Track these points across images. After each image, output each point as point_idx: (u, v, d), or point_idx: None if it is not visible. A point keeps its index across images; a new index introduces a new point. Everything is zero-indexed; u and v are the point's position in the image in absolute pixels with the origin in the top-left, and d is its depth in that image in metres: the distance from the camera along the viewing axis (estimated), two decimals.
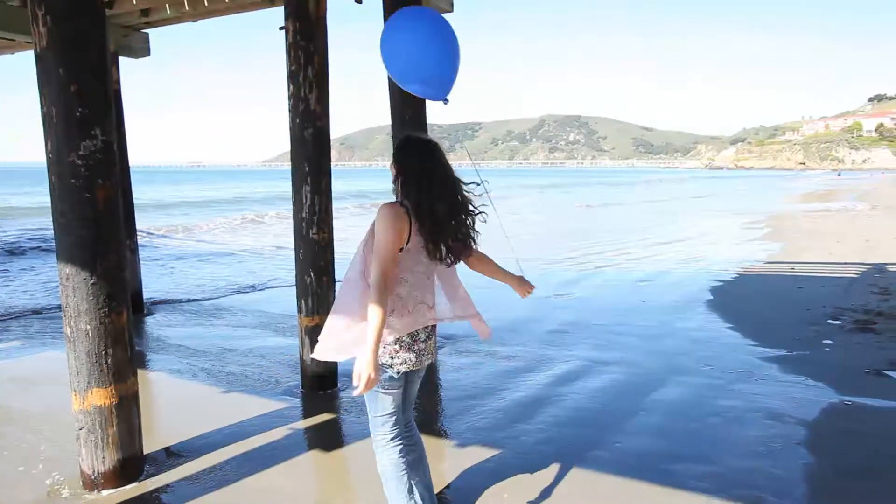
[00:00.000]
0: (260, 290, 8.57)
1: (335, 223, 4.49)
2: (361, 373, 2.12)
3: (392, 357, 2.28)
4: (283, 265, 10.58)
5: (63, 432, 3.65)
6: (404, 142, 2.42)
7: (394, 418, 2.38)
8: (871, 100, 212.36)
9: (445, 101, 2.55)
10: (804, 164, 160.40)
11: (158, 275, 10.03)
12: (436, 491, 2.86)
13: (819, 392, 4.18)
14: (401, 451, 2.41)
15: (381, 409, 2.37)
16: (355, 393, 2.16)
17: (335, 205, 4.50)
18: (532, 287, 2.56)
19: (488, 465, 3.23)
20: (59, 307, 7.21)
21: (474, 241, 2.43)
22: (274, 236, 16.65)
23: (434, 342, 2.44)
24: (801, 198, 30.73)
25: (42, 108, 2.79)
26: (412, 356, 2.31)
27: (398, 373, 2.31)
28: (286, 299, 7.36)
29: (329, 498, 3.09)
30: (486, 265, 2.54)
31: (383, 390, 2.32)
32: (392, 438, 2.39)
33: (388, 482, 2.44)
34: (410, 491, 2.42)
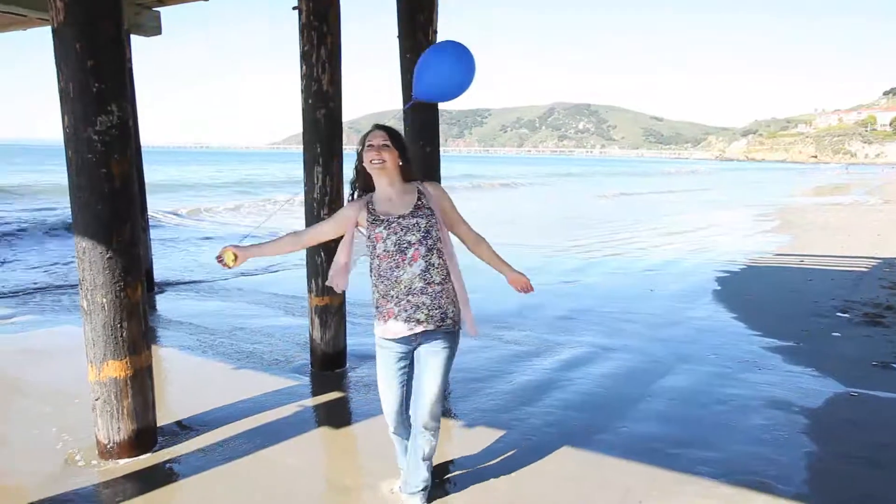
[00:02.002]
0: (270, 271, 8.62)
1: None
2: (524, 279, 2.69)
3: None
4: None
5: (76, 403, 3.73)
6: (395, 130, 2.53)
7: None
8: (886, 93, 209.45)
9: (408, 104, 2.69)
10: (816, 157, 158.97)
11: (168, 255, 10.10)
12: (443, 469, 2.93)
13: (825, 383, 4.19)
14: None
15: None
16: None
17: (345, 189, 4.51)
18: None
19: (496, 446, 3.27)
20: (61, 285, 7.32)
21: None
22: (287, 219, 16.71)
23: None
24: (811, 191, 30.49)
25: (59, 83, 2.81)
26: None
27: None
28: (295, 281, 7.40)
29: (337, 474, 3.14)
30: None
31: None
32: None
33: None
34: None
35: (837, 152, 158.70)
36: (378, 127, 2.46)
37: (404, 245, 2.36)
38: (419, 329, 2.41)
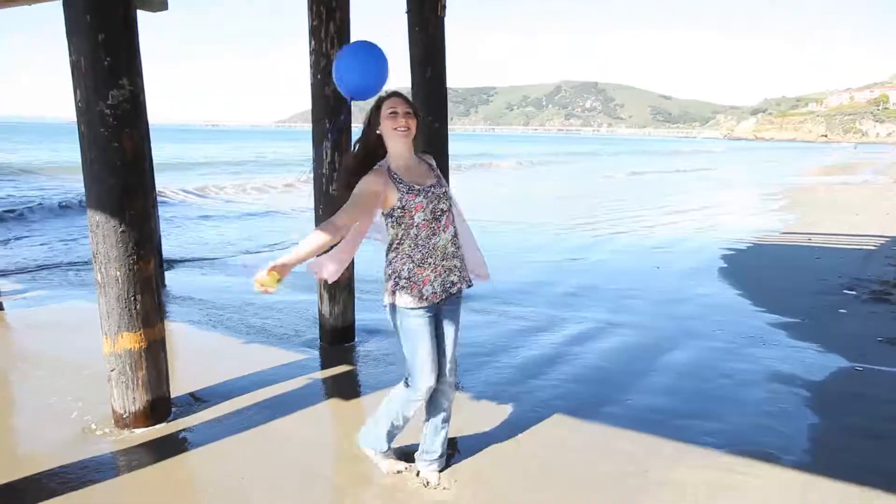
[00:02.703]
0: (278, 248, 8.69)
1: None
2: None
3: None
4: (300, 226, 10.68)
5: (90, 375, 3.80)
6: (410, 99, 2.52)
7: None
8: None
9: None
10: (826, 136, 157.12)
11: (175, 232, 10.16)
12: (451, 439, 2.99)
13: (830, 358, 4.22)
14: None
15: None
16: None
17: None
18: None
19: (503, 417, 3.32)
20: (61, 262, 7.39)
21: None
22: (293, 197, 16.76)
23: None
24: (820, 171, 30.22)
25: (70, 56, 2.82)
26: None
27: None
28: None
29: (347, 443, 3.19)
30: None
31: None
32: None
33: None
34: None
35: (848, 131, 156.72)
36: (397, 94, 2.44)
37: (438, 213, 2.43)
38: (454, 290, 2.53)
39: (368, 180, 2.35)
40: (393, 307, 2.49)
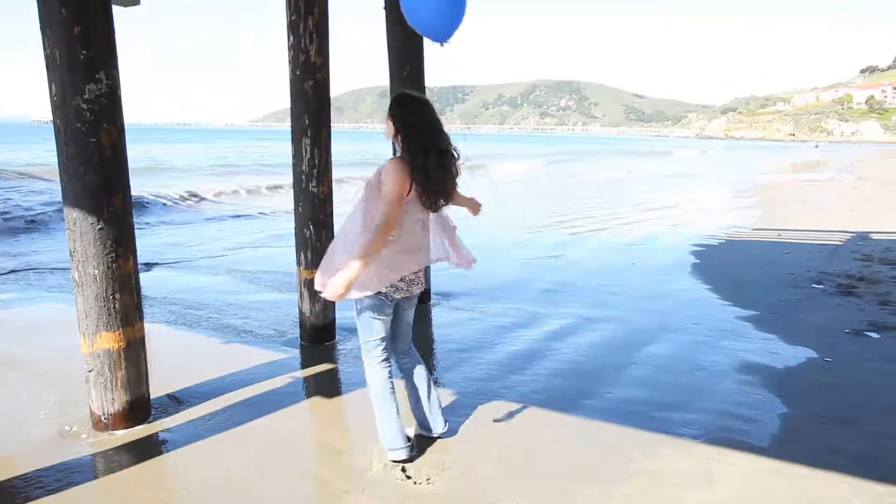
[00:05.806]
0: (253, 248, 8.61)
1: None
2: (336, 284, 2.42)
3: (388, 286, 2.62)
4: (276, 227, 10.57)
5: (67, 377, 3.72)
6: (403, 98, 2.64)
7: (385, 343, 2.75)
8: (863, 71, 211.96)
9: (443, 44, 2.78)
10: (794, 135, 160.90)
11: (150, 236, 9.99)
12: (434, 434, 3.01)
13: (799, 350, 4.35)
14: (390, 372, 2.79)
15: (374, 335, 2.72)
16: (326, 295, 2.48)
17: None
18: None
19: (485, 412, 3.35)
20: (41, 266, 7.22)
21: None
22: (270, 198, 16.60)
23: (423, 273, 2.81)
24: (788, 168, 30.98)
25: (45, 49, 2.77)
26: (403, 284, 2.66)
27: (391, 299, 2.66)
28: (281, 257, 7.39)
29: (330, 441, 3.20)
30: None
31: (376, 316, 2.68)
32: (382, 360, 2.76)
33: (376, 400, 2.80)
34: (397, 410, 2.80)
35: (814, 130, 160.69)
36: None
37: None
38: None
39: None
40: None
